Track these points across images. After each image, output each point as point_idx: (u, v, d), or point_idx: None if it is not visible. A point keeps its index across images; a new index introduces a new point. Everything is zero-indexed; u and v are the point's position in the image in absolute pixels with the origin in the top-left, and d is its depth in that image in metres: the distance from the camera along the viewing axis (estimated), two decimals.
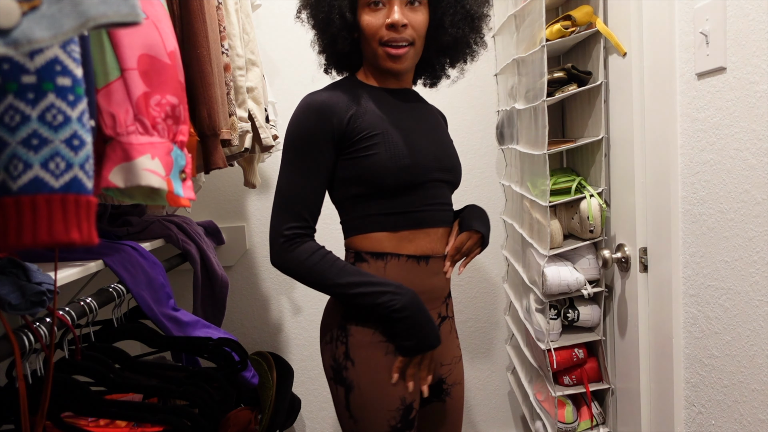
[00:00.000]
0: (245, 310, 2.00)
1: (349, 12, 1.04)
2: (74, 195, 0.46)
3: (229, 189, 1.96)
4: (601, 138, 1.39)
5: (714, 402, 1.04)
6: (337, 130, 1.04)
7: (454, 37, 1.09)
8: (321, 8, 1.06)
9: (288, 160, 1.06)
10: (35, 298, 0.77)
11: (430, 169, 1.08)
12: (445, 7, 1.06)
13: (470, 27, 1.11)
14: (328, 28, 1.06)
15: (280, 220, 1.04)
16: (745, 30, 0.88)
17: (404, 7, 1.03)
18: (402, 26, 1.02)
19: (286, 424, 1.51)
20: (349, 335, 1.07)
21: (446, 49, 1.13)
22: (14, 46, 0.40)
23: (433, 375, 1.13)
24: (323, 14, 1.05)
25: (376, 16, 1.03)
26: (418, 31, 1.05)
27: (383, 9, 1.03)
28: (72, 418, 1.03)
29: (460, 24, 1.08)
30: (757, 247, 0.89)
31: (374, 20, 1.03)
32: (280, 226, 1.03)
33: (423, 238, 1.09)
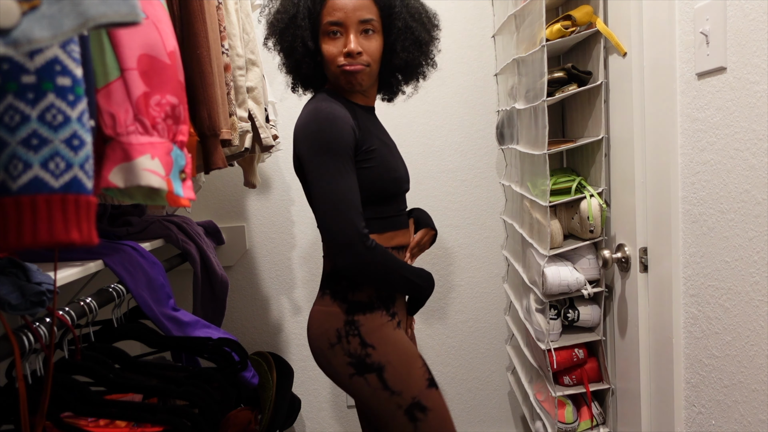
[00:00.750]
0: (245, 310, 2.00)
1: (310, 41, 1.17)
2: (74, 195, 0.46)
3: (229, 189, 1.96)
4: (601, 138, 1.39)
5: (714, 402, 1.04)
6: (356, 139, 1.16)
7: (405, 61, 1.22)
8: (285, 38, 1.19)
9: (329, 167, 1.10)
10: (35, 298, 0.77)
11: (406, 180, 1.29)
12: (396, 34, 1.18)
13: (419, 52, 1.23)
14: (293, 55, 1.20)
15: (352, 222, 1.09)
16: (745, 30, 0.88)
17: (359, 36, 1.15)
18: (357, 54, 1.14)
19: (286, 424, 1.51)
20: (360, 326, 1.18)
21: (399, 70, 1.26)
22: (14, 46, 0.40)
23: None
24: (287, 43, 1.19)
25: (335, 45, 1.15)
26: (373, 56, 1.17)
27: (341, 38, 1.15)
28: (72, 418, 1.02)
29: (410, 49, 1.21)
30: (757, 247, 0.89)
31: (333, 48, 1.16)
32: (356, 226, 1.09)
33: (399, 237, 1.28)
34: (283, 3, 1.20)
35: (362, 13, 1.13)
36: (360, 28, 1.14)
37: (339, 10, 1.13)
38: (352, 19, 1.13)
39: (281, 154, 1.92)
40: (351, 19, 1.13)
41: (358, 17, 1.13)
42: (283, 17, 1.18)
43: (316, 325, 1.23)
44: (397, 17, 1.17)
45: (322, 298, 1.24)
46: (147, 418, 0.96)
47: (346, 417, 2.04)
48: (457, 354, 2.04)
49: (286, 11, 1.18)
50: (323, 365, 1.23)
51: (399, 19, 1.17)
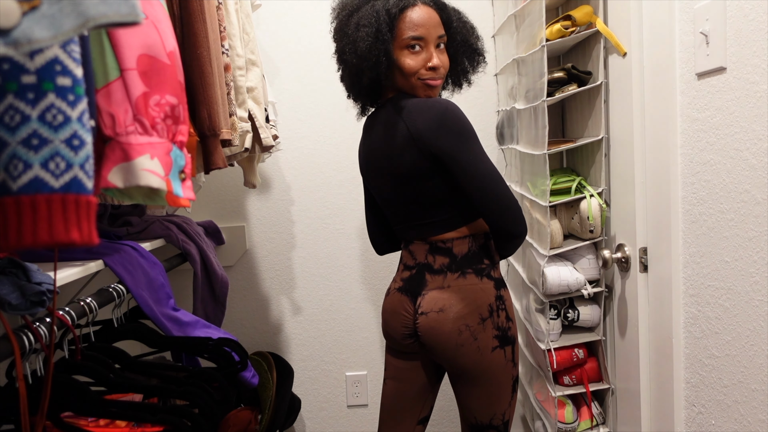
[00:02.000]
0: (245, 310, 2.00)
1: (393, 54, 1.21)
2: (74, 195, 0.46)
3: (229, 189, 1.96)
4: (601, 138, 1.39)
5: (714, 402, 1.04)
6: None
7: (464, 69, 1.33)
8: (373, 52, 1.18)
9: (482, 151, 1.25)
10: (35, 298, 0.77)
11: None
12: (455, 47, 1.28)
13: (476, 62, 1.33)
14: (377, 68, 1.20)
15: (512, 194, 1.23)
16: (745, 30, 0.88)
17: (436, 50, 1.22)
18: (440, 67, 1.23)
19: (286, 424, 1.51)
20: (505, 300, 1.26)
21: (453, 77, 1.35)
22: (14, 46, 0.40)
23: None
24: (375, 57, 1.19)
25: (414, 59, 1.20)
26: (446, 67, 1.25)
27: (420, 52, 1.21)
28: (72, 418, 1.03)
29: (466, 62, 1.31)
30: (757, 247, 0.89)
31: (413, 62, 1.20)
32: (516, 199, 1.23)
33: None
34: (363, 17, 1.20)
35: (438, 29, 1.21)
36: (437, 43, 1.22)
37: (421, 25, 1.19)
38: (432, 34, 1.20)
39: (281, 154, 1.92)
40: (431, 35, 1.20)
41: (436, 33, 1.21)
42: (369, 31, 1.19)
43: (466, 302, 1.22)
44: (456, 31, 1.26)
45: (464, 277, 1.24)
46: (147, 418, 0.96)
47: (346, 417, 2.04)
48: None
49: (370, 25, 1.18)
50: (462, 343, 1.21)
51: (458, 33, 1.26)
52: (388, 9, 1.19)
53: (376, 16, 1.19)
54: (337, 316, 2.00)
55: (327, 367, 2.02)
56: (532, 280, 1.53)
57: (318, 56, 1.90)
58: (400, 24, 1.20)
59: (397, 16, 1.20)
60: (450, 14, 1.26)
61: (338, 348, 2.01)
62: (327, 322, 2.00)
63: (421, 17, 1.20)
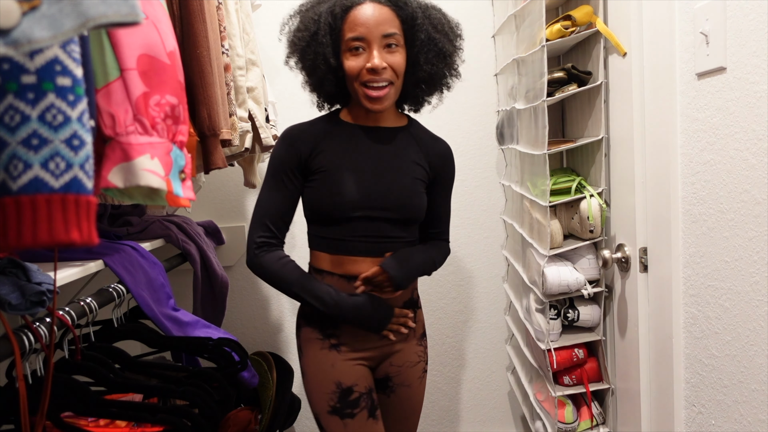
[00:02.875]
0: (245, 310, 2.00)
1: (332, 57, 1.15)
2: (74, 195, 0.46)
3: (229, 189, 1.96)
4: (601, 138, 1.39)
5: (714, 402, 1.04)
6: (303, 159, 1.21)
7: (429, 73, 1.20)
8: (307, 56, 1.18)
9: (265, 180, 1.24)
10: (35, 298, 0.77)
11: (358, 207, 1.20)
12: (419, 47, 1.16)
13: (443, 63, 1.21)
14: (315, 73, 1.19)
15: (253, 230, 1.23)
16: (745, 30, 0.88)
17: (382, 50, 1.13)
18: (382, 69, 1.12)
19: (286, 424, 1.51)
20: (301, 331, 1.31)
21: (423, 82, 1.23)
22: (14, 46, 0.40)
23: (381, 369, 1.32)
24: (309, 61, 1.18)
25: (357, 60, 1.13)
26: (398, 70, 1.15)
27: (363, 53, 1.13)
28: (72, 418, 1.03)
29: (434, 60, 1.18)
30: (757, 247, 0.89)
31: (355, 64, 1.14)
32: (253, 236, 1.22)
33: (352, 264, 1.23)
34: (303, 20, 1.18)
35: (385, 27, 1.11)
36: (383, 43, 1.12)
37: (361, 25, 1.11)
38: (375, 34, 1.11)
39: None
40: (374, 34, 1.11)
41: (381, 32, 1.11)
42: (304, 35, 1.17)
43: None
44: (420, 29, 1.15)
45: None
46: (147, 418, 0.96)
47: None
48: (457, 354, 2.04)
49: (307, 29, 1.16)
50: None
51: (422, 31, 1.15)
52: (332, 9, 1.13)
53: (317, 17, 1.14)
54: None
55: None
56: (532, 280, 1.53)
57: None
58: (344, 25, 1.13)
59: (342, 17, 1.13)
60: (414, 10, 1.14)
61: None
62: None
63: (363, 15, 1.11)
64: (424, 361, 1.37)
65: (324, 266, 1.25)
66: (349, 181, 1.20)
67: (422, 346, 1.37)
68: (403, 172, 1.25)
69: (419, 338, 1.36)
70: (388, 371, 1.32)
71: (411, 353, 1.34)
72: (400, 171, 1.25)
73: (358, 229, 1.21)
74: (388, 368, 1.32)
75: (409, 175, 1.26)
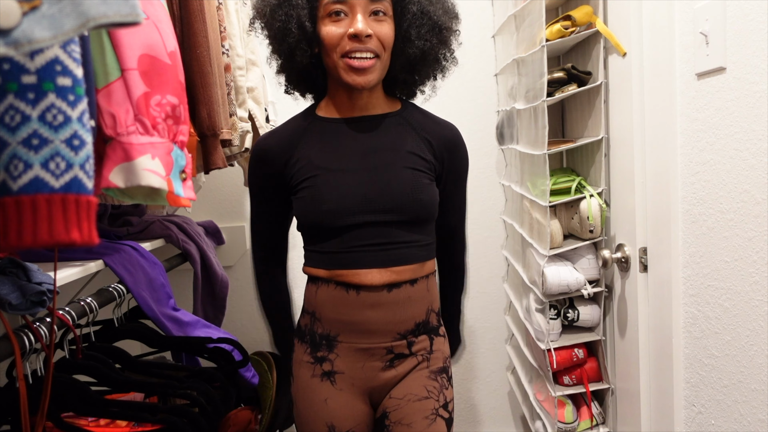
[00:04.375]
0: (245, 310, 2.00)
1: (308, 22, 0.98)
2: (74, 195, 0.46)
3: (229, 189, 1.96)
4: (601, 138, 1.39)
5: (714, 402, 1.04)
6: (277, 173, 1.09)
7: (422, 50, 1.04)
8: (277, 17, 0.99)
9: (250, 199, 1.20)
10: (35, 298, 0.77)
11: (353, 212, 1.04)
12: (410, 18, 1.01)
13: (438, 39, 1.05)
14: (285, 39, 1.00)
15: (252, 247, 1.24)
16: (745, 30, 0.88)
17: (368, 17, 0.97)
18: (366, 36, 0.96)
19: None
20: (294, 350, 1.16)
21: (414, 63, 1.07)
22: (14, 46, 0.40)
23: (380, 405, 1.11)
24: (279, 23, 0.99)
25: (337, 26, 0.97)
26: (385, 42, 1.00)
27: (345, 19, 0.97)
28: (72, 418, 1.03)
29: (427, 36, 1.03)
30: (757, 247, 0.89)
31: (335, 31, 0.97)
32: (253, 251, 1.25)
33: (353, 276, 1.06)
34: None
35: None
36: (369, 9, 0.97)
37: None
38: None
39: None
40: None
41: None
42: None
43: None
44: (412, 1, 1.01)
45: None
46: (147, 418, 0.96)
47: None
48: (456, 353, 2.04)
49: None
50: None
51: (413, 3, 1.01)
52: None
53: None
54: None
55: None
56: (532, 280, 1.53)
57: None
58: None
59: None
60: None
61: None
62: None
63: None
64: (437, 401, 1.08)
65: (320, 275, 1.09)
66: (337, 185, 1.04)
67: (437, 381, 1.10)
68: (399, 165, 1.07)
69: (435, 371, 1.10)
70: (386, 406, 1.09)
71: (417, 385, 1.08)
72: (396, 164, 1.06)
73: (362, 237, 1.04)
74: (386, 402, 1.09)
75: (408, 167, 1.07)
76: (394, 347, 1.08)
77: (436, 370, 1.11)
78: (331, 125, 1.09)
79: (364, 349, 1.07)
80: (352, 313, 1.06)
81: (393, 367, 1.08)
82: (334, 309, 1.07)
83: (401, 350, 1.09)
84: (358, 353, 1.07)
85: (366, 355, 1.07)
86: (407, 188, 1.06)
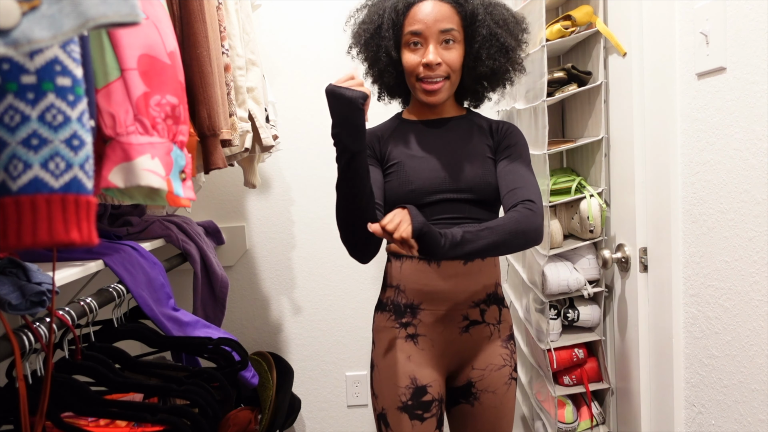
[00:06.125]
0: (245, 310, 2.00)
1: (394, 51, 1.19)
2: (74, 195, 0.46)
3: (229, 189, 1.96)
4: (601, 138, 1.39)
5: (714, 402, 1.04)
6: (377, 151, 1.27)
7: (491, 69, 1.20)
8: (370, 48, 1.23)
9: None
10: (35, 298, 0.77)
11: (432, 191, 1.19)
12: (480, 41, 1.17)
13: (506, 58, 1.20)
14: (377, 65, 1.24)
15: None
16: (745, 30, 0.88)
17: (439, 46, 1.16)
18: (436, 65, 1.15)
19: (286, 424, 1.51)
20: (374, 321, 1.29)
21: (485, 78, 1.23)
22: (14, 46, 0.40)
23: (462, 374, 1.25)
24: (372, 53, 1.23)
25: (414, 55, 1.17)
26: (453, 66, 1.17)
27: (421, 48, 1.17)
28: (72, 418, 1.03)
29: (496, 56, 1.18)
30: (757, 247, 0.89)
31: (413, 59, 1.18)
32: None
33: None
34: (369, 14, 1.23)
35: (443, 24, 1.14)
36: (441, 39, 1.15)
37: (419, 21, 1.15)
38: (433, 29, 1.14)
39: (281, 154, 1.92)
40: (431, 30, 1.14)
41: (438, 28, 1.14)
42: (368, 27, 1.22)
43: None
44: (482, 25, 1.16)
45: None
46: (147, 418, 0.96)
47: (346, 417, 2.04)
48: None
49: (372, 21, 1.21)
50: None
51: (483, 26, 1.16)
52: (395, 5, 1.17)
53: (381, 12, 1.20)
54: (337, 316, 2.00)
55: (327, 367, 2.02)
56: (532, 280, 1.53)
57: (318, 56, 1.90)
58: (405, 21, 1.17)
59: (404, 13, 1.17)
60: (475, 6, 1.16)
61: (338, 348, 2.01)
62: (327, 322, 2.00)
63: (423, 12, 1.15)
64: (511, 366, 1.25)
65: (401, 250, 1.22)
66: (418, 169, 1.21)
67: (508, 349, 1.26)
68: (471, 153, 1.23)
69: (505, 339, 1.26)
70: (470, 376, 1.24)
71: (495, 355, 1.24)
72: (468, 153, 1.23)
73: (441, 212, 1.19)
74: (470, 373, 1.24)
75: (479, 154, 1.23)
76: (470, 314, 1.23)
77: (506, 338, 1.27)
78: (412, 125, 1.29)
79: (444, 315, 1.21)
80: (434, 283, 1.20)
81: (468, 332, 1.23)
82: (417, 281, 1.21)
83: (475, 317, 1.23)
84: (438, 319, 1.21)
85: (445, 320, 1.21)
86: (479, 171, 1.22)
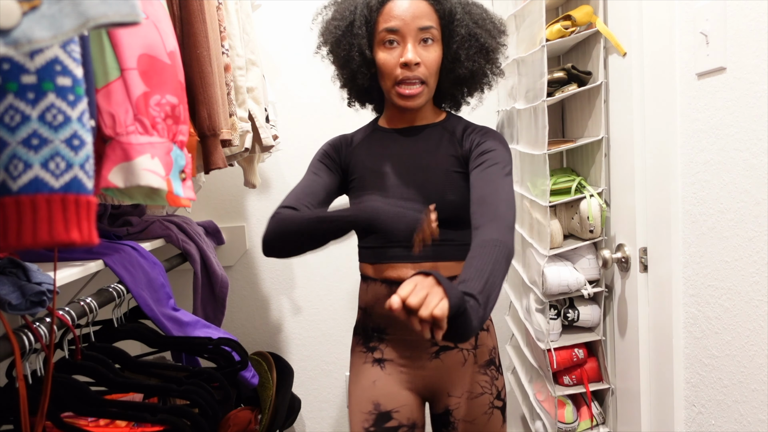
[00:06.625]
0: (245, 310, 2.00)
1: (368, 50, 1.11)
2: (74, 195, 0.46)
3: (229, 189, 1.96)
4: (601, 138, 1.39)
5: (714, 402, 1.04)
6: (341, 158, 1.22)
7: (470, 70, 1.14)
8: (342, 47, 1.13)
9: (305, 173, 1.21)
10: (35, 298, 0.77)
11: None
12: (459, 41, 1.10)
13: (485, 59, 1.15)
14: (348, 65, 1.14)
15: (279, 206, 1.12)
16: (745, 30, 0.88)
17: (417, 45, 1.08)
18: (415, 64, 1.07)
19: (286, 424, 1.51)
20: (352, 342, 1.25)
21: (463, 81, 1.17)
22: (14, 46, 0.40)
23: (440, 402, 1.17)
24: (344, 52, 1.13)
25: (391, 54, 1.09)
26: (430, 68, 1.10)
27: (397, 47, 1.09)
28: (72, 418, 1.03)
29: (475, 57, 1.13)
30: (757, 247, 0.89)
31: (389, 58, 1.09)
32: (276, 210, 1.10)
33: (391, 270, 1.14)
34: (339, 10, 1.15)
35: (421, 21, 1.07)
36: (419, 37, 1.08)
37: (396, 17, 1.07)
38: (411, 26, 1.06)
39: (281, 154, 1.92)
40: (409, 27, 1.07)
41: (417, 25, 1.06)
42: (339, 24, 1.12)
43: None
44: (460, 24, 1.09)
45: None
46: (147, 418, 0.96)
47: (346, 417, 2.04)
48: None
49: (343, 18, 1.12)
50: None
51: (462, 26, 1.09)
52: (368, 1, 1.10)
53: (353, 8, 1.11)
54: (337, 316, 2.00)
55: (327, 367, 2.02)
56: (532, 280, 1.53)
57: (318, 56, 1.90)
58: (379, 17, 1.09)
59: (378, 9, 1.09)
60: (453, 5, 1.10)
61: (338, 348, 2.01)
62: (327, 322, 2.00)
63: (399, 8, 1.07)
64: (491, 394, 1.16)
65: (368, 273, 1.19)
66: (376, 186, 1.14)
67: (488, 375, 1.17)
68: (434, 168, 1.14)
69: (483, 365, 1.16)
70: (447, 403, 1.16)
71: (471, 382, 1.16)
72: (430, 168, 1.14)
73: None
74: (447, 400, 1.16)
75: (443, 169, 1.13)
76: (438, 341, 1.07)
77: (484, 364, 1.18)
78: (385, 134, 1.22)
79: (412, 340, 1.15)
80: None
81: (438, 358, 1.16)
82: (381, 305, 1.15)
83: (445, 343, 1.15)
84: (405, 344, 1.16)
85: (412, 346, 1.15)
86: (439, 189, 1.13)
